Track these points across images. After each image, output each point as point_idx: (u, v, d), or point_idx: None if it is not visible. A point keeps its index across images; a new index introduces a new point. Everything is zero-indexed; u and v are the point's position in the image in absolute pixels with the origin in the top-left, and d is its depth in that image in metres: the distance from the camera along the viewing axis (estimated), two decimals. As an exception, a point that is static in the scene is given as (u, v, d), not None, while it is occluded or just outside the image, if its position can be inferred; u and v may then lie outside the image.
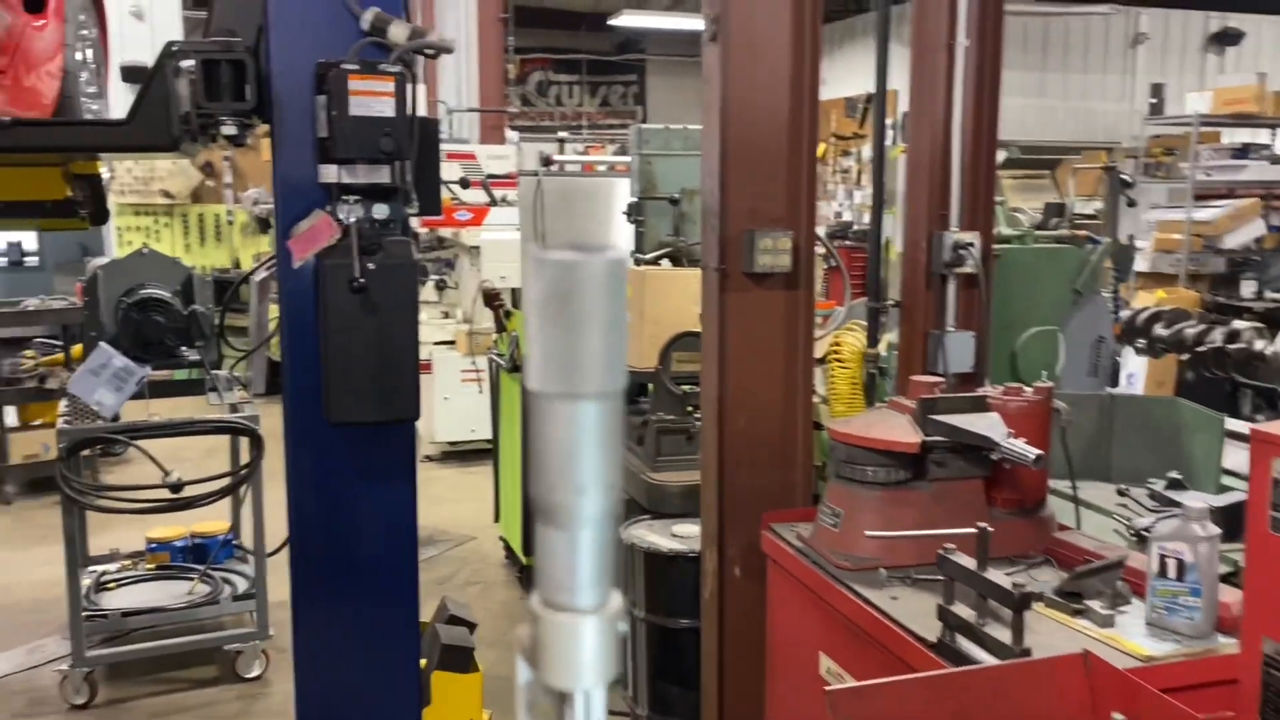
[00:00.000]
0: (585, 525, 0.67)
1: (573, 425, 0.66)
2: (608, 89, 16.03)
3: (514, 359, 4.87)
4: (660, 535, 3.71)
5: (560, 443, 0.66)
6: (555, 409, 0.66)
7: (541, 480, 0.68)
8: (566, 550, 0.68)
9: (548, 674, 0.71)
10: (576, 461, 0.67)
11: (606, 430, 0.67)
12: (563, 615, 0.69)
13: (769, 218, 3.12)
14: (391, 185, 2.57)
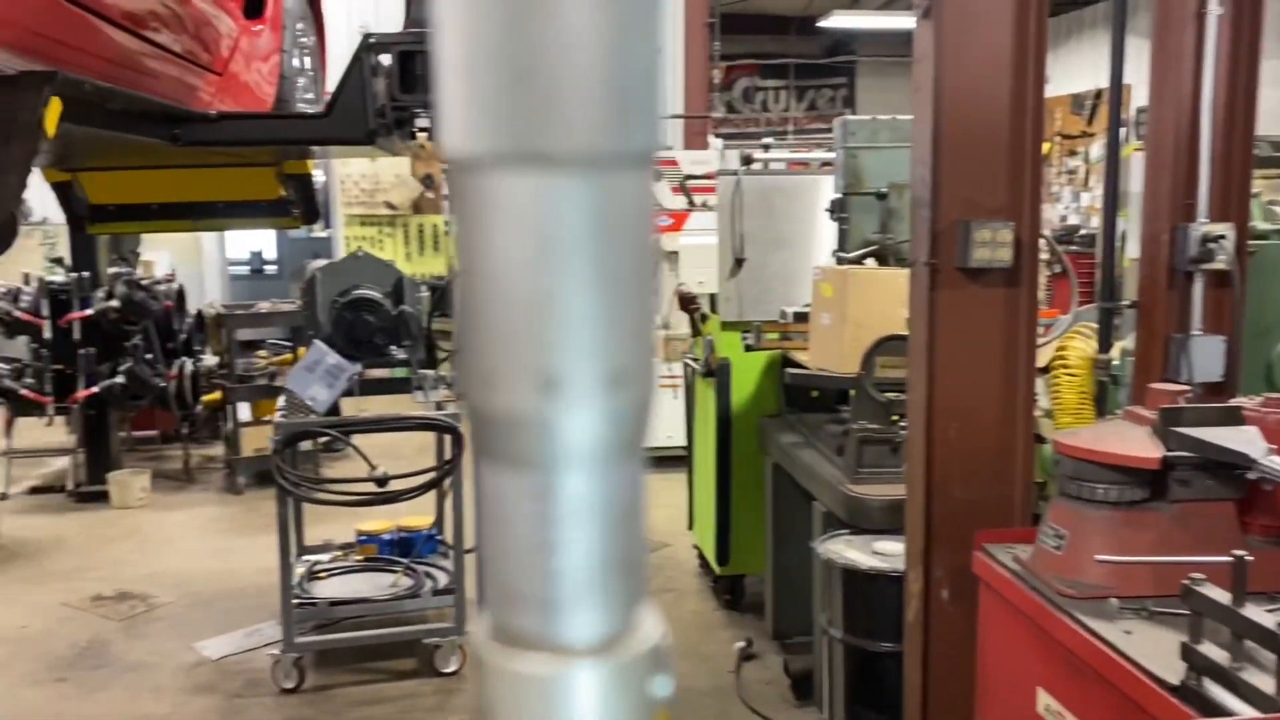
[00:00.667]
0: (569, 460, 0.39)
1: (536, 231, 0.38)
2: (815, 93, 15.73)
3: (708, 364, 4.75)
4: (861, 552, 3.48)
5: (512, 276, 0.38)
6: (501, 197, 0.38)
7: (474, 361, 0.40)
8: (536, 517, 0.40)
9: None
10: (546, 316, 0.37)
11: (614, 244, 0.39)
12: (530, 659, 0.40)
13: (987, 208, 2.85)
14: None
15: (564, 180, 0.38)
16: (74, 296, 6.68)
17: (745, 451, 4.70)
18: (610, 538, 0.41)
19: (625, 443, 0.42)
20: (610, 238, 0.40)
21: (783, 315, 4.51)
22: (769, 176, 4.94)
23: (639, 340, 0.40)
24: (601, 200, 0.39)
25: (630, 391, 0.41)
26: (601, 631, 0.41)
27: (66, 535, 6.35)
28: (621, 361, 0.40)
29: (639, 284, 0.41)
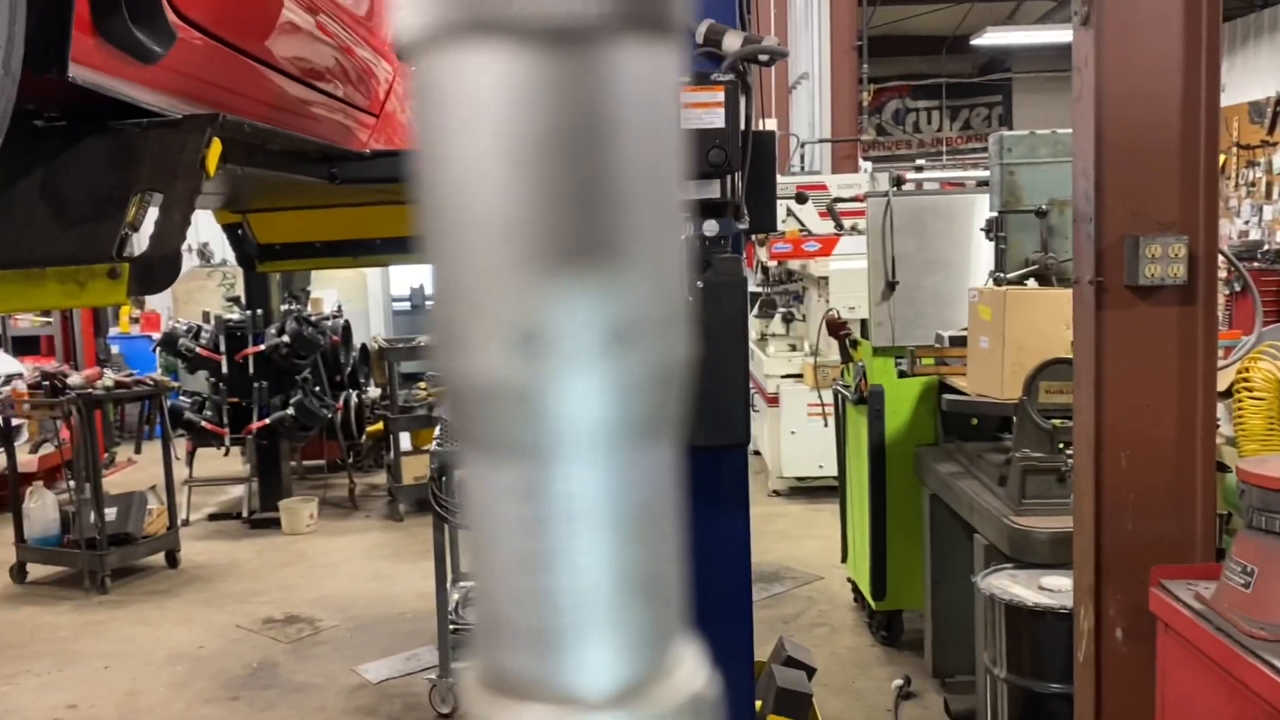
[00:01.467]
0: (565, 444, 0.29)
1: (503, 123, 0.29)
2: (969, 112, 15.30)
3: (860, 391, 4.62)
4: (1026, 587, 3.31)
5: (479, 193, 0.29)
6: (446, 81, 0.29)
7: (442, 320, 0.32)
8: (520, 524, 0.29)
9: None
10: (521, 240, 0.28)
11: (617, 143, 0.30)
12: (520, 711, 0.31)
13: (1157, 221, 2.68)
14: (721, 200, 2.46)
15: (535, 55, 0.29)
16: (248, 333, 7.05)
17: (901, 482, 4.55)
18: (624, 548, 0.31)
19: (642, 421, 0.31)
20: (608, 135, 0.29)
21: (938, 340, 4.35)
22: (921, 197, 4.80)
23: (658, 279, 0.30)
24: (592, 82, 0.29)
25: (644, 351, 0.31)
26: (617, 675, 0.31)
27: (241, 560, 6.68)
28: (630, 309, 0.30)
29: (657, 198, 0.30)
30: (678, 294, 0.33)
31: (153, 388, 6.53)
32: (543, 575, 0.31)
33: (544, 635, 0.31)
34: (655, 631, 0.33)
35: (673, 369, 0.34)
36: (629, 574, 0.32)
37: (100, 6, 1.62)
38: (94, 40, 1.63)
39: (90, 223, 1.60)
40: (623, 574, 0.32)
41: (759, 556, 6.04)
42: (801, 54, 9.66)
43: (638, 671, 0.32)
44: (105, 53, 1.66)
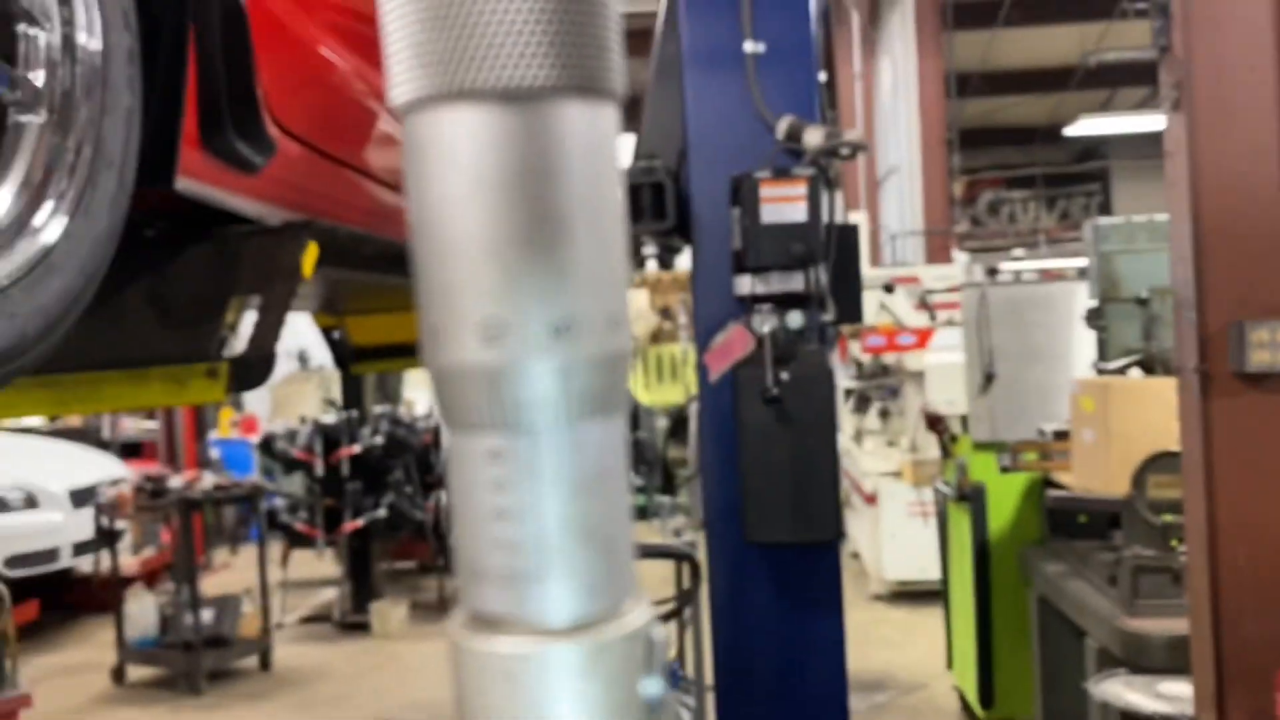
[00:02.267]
0: (524, 419, 0.34)
1: (479, 167, 0.35)
2: (1067, 201, 15.11)
3: (961, 488, 4.49)
4: (1142, 694, 3.12)
5: (457, 216, 0.35)
6: (444, 137, 0.36)
7: (427, 310, 0.37)
8: (491, 485, 0.38)
9: None
10: (494, 255, 0.34)
11: (571, 174, 0.36)
12: (502, 643, 0.34)
13: (1263, 305, 2.58)
14: (805, 292, 2.45)
15: (492, 113, 0.37)
16: (343, 435, 7.20)
17: (1006, 583, 4.37)
18: (576, 505, 0.37)
19: (587, 399, 0.37)
20: (557, 174, 0.38)
21: (1040, 433, 4.22)
22: (1018, 287, 4.72)
23: (597, 286, 0.37)
24: (541, 133, 0.37)
25: (586, 342, 0.37)
26: (574, 610, 0.36)
27: (332, 663, 6.69)
28: (572, 308, 0.37)
29: (595, 224, 0.38)
30: (617, 299, 0.40)
31: (249, 490, 6.68)
32: (509, 525, 0.39)
33: (512, 577, 0.39)
34: (606, 576, 0.39)
35: (615, 358, 0.40)
36: (581, 526, 0.39)
37: (207, 121, 1.70)
38: (200, 153, 1.72)
39: (192, 325, 1.66)
40: (576, 526, 0.39)
41: (860, 664, 5.83)
42: (890, 148, 9.72)
43: (592, 609, 0.39)
44: (210, 164, 1.74)
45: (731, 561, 2.68)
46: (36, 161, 1.36)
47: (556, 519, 0.37)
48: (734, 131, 2.65)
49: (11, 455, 7.94)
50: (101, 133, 1.42)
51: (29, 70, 1.37)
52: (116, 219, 1.44)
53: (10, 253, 1.28)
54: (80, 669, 6.69)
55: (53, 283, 1.31)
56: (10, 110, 1.36)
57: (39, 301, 1.29)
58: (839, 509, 2.45)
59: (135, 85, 1.48)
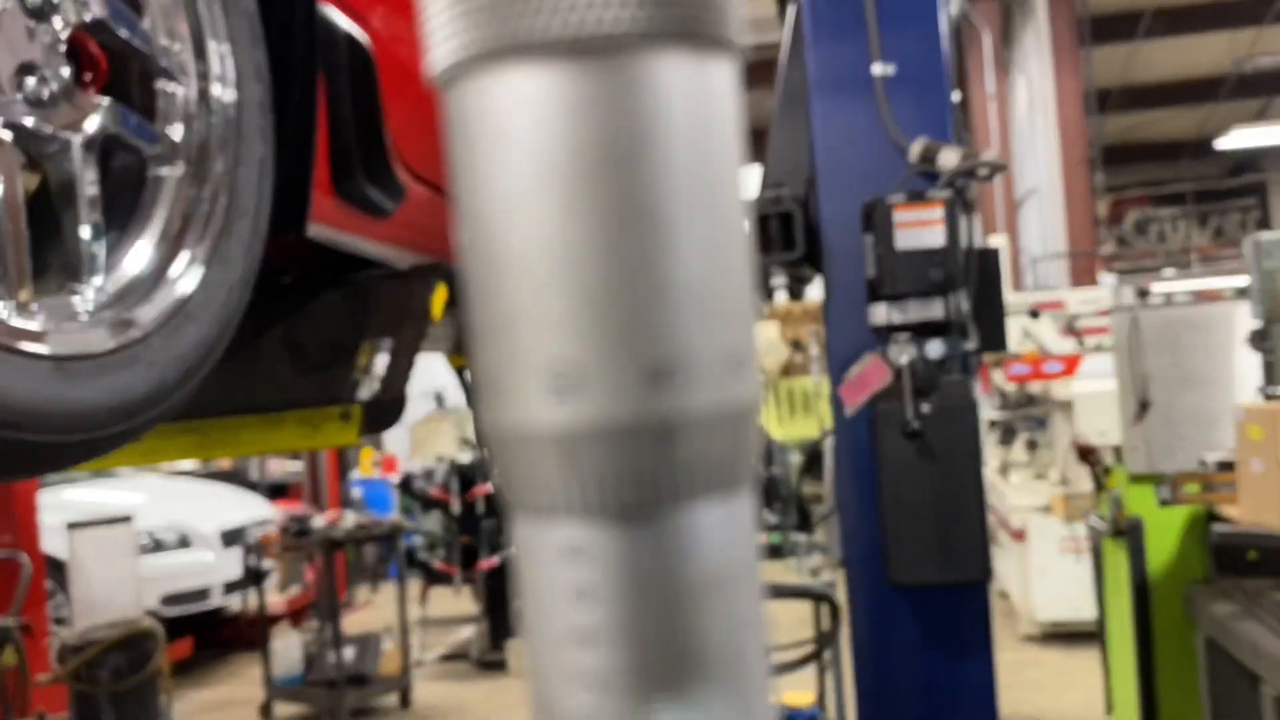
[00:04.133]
0: (613, 500, 0.24)
1: (532, 145, 0.27)
2: (1220, 218, 14.34)
3: (1116, 523, 4.23)
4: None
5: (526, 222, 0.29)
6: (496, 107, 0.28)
7: (483, 351, 0.31)
8: (567, 592, 0.25)
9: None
10: (554, 274, 0.25)
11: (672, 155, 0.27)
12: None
13: None
14: (945, 320, 2.34)
15: (560, 73, 0.25)
16: (478, 473, 7.30)
17: (1169, 624, 4.09)
18: (690, 621, 0.25)
19: (701, 470, 0.27)
20: (652, 156, 0.25)
21: (1202, 464, 3.95)
22: (1172, 309, 4.45)
23: (709, 314, 0.26)
24: (628, 99, 0.26)
25: (697, 390, 0.26)
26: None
27: (469, 702, 6.74)
28: (679, 345, 0.26)
29: (706, 226, 0.26)
30: (739, 331, 0.29)
31: (389, 529, 6.82)
32: (596, 652, 0.27)
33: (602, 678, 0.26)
34: (746, 672, 0.26)
35: (738, 411, 0.29)
36: (699, 651, 0.26)
37: (338, 168, 1.72)
38: (332, 199, 1.74)
39: (326, 369, 1.67)
40: (691, 651, 0.26)
41: (1012, 708, 5.55)
42: (1028, 168, 9.40)
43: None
44: (342, 210, 1.76)
45: (874, 602, 2.57)
46: (174, 213, 1.39)
47: (663, 642, 0.26)
48: (864, 156, 2.57)
49: (166, 497, 8.33)
50: (236, 182, 1.44)
51: (168, 124, 1.40)
52: (251, 266, 1.46)
53: (149, 302, 1.31)
54: (229, 704, 6.91)
55: (190, 330, 1.33)
56: (150, 164, 1.39)
57: (177, 350, 1.31)
58: (987, 548, 2.31)
59: (268, 135, 1.51)
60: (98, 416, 1.20)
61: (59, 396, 1.15)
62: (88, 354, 1.20)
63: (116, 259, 1.33)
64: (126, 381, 1.23)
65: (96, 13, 1.31)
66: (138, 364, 1.25)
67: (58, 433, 1.16)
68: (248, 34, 1.50)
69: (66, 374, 1.16)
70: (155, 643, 4.38)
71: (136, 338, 1.26)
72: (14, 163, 1.18)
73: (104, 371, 1.21)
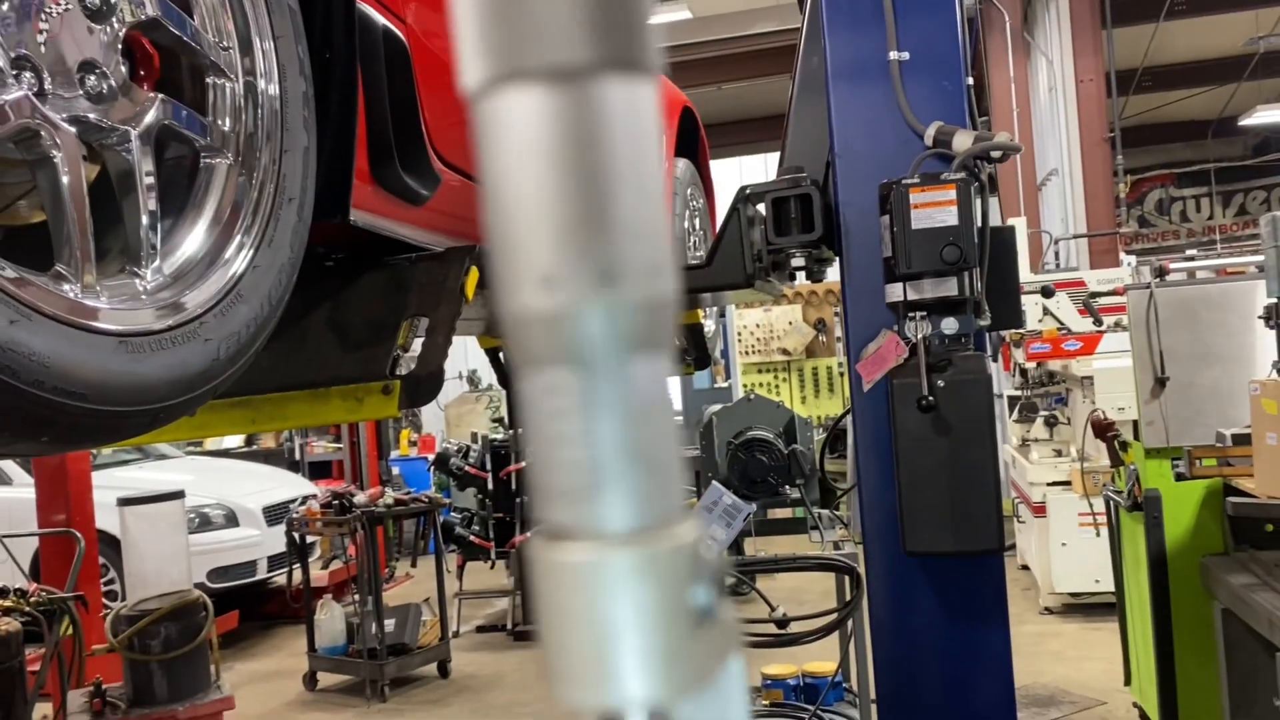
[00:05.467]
0: (582, 354, 0.42)
1: (532, 136, 0.43)
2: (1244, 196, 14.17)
3: (1134, 497, 4.29)
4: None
5: (516, 181, 0.44)
6: (502, 113, 0.44)
7: (500, 271, 0.46)
8: (554, 414, 0.42)
9: (560, 681, 0.43)
10: (546, 217, 0.42)
11: (602, 141, 0.43)
12: (568, 550, 0.42)
13: None
14: (959, 298, 2.43)
15: (543, 92, 0.43)
16: (511, 451, 7.44)
17: (1187, 595, 4.15)
18: (626, 429, 0.43)
19: (633, 337, 0.44)
20: (596, 143, 0.44)
21: (1219, 438, 4.00)
22: (1189, 286, 4.49)
23: (636, 239, 0.44)
24: (583, 107, 0.44)
25: (630, 287, 0.44)
26: (628, 522, 0.43)
27: (506, 671, 6.91)
28: (617, 258, 0.44)
29: (634, 185, 0.44)
30: (658, 250, 0.46)
31: (427, 505, 6.98)
32: (568, 449, 0.44)
33: (574, 493, 0.44)
34: (656, 495, 0.44)
35: (657, 301, 0.46)
36: (633, 450, 0.44)
37: (377, 158, 1.83)
38: (371, 187, 1.85)
39: (368, 347, 1.79)
40: (628, 450, 0.44)
41: (1032, 679, 5.63)
42: (1049, 149, 9.37)
43: (644, 521, 0.44)
44: (380, 198, 1.87)
45: (891, 573, 2.66)
46: (225, 200, 1.50)
47: (609, 442, 0.43)
48: (881, 140, 2.64)
49: (212, 476, 8.56)
50: (282, 171, 1.55)
51: (217, 117, 1.51)
52: (298, 250, 1.57)
53: (204, 283, 1.42)
54: (275, 675, 7.13)
55: (242, 310, 1.45)
56: (202, 155, 1.51)
57: (230, 328, 1.43)
58: (1000, 518, 2.40)
59: (311, 126, 1.62)
60: (158, 389, 1.32)
61: (123, 370, 1.27)
62: (149, 331, 1.32)
63: (172, 243, 1.45)
64: (184, 357, 1.35)
65: (150, 12, 1.41)
66: (194, 341, 1.37)
67: (121, 404, 1.28)
68: (290, 30, 1.61)
69: (130, 350, 1.28)
70: (204, 614, 4.55)
71: (193, 316, 1.38)
72: (77, 154, 1.29)
73: (163, 347, 1.33)
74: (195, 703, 4.47)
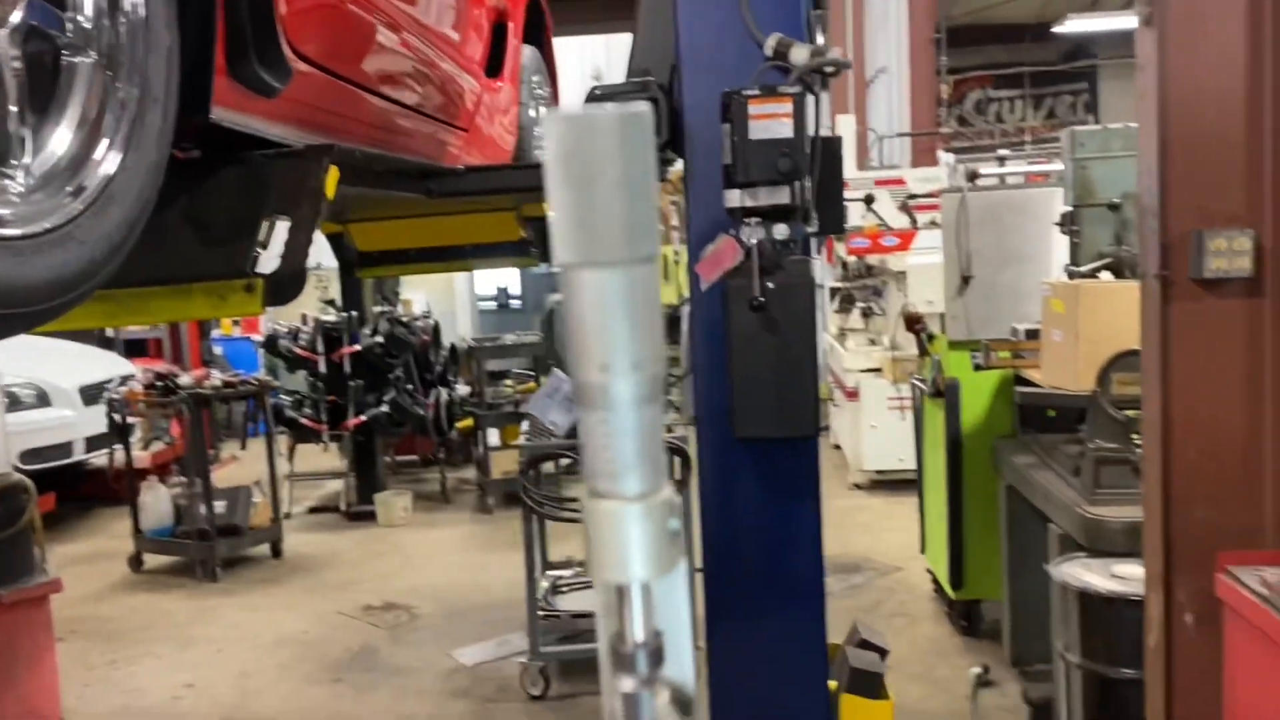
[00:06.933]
0: (617, 405, 0.65)
1: (596, 297, 0.63)
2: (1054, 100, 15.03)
3: (936, 384, 4.70)
4: (1099, 575, 3.37)
5: (586, 318, 0.64)
6: (580, 281, 0.63)
7: (573, 360, 0.66)
8: (602, 433, 0.66)
9: (598, 569, 0.68)
10: (602, 338, 0.64)
11: (634, 303, 0.63)
12: (606, 503, 0.66)
13: (1222, 215, 2.74)
14: (791, 205, 2.60)
15: (608, 272, 0.65)
16: (344, 334, 7.38)
17: (977, 473, 4.62)
18: (642, 442, 0.67)
19: (646, 397, 0.67)
20: (637, 301, 0.66)
21: (1014, 333, 4.42)
22: (996, 192, 4.85)
23: (652, 345, 0.66)
24: (629, 283, 0.65)
25: (647, 370, 0.66)
26: (640, 489, 0.67)
27: (340, 551, 7.00)
28: (642, 355, 0.66)
29: (649, 319, 0.66)
30: (657, 349, 0.68)
31: (257, 387, 6.88)
32: (609, 451, 0.68)
33: (610, 474, 0.68)
34: (655, 475, 0.68)
35: (657, 375, 0.68)
36: (645, 453, 0.68)
37: (234, 54, 1.83)
38: (229, 83, 1.85)
39: (228, 244, 1.82)
40: (641, 453, 0.68)
41: (840, 548, 6.14)
42: (879, 48, 9.68)
43: (647, 489, 0.68)
44: (238, 93, 1.87)
45: (720, 455, 2.88)
46: (90, 100, 1.50)
47: (632, 450, 0.68)
48: (725, 48, 2.74)
49: (21, 355, 8.10)
50: (147, 72, 1.55)
51: (78, 14, 1.50)
52: (164, 150, 1.59)
53: (76, 185, 1.44)
54: (98, 557, 6.99)
55: (114, 211, 1.47)
56: (63, 52, 1.49)
57: (104, 229, 1.45)
58: (817, 407, 2.64)
59: (173, 26, 1.61)
60: (39, 291, 1.34)
61: (6, 273, 1.29)
62: (28, 235, 1.33)
63: (40, 142, 1.44)
64: (62, 259, 1.37)
65: (4, -97, 1.38)
66: (70, 242, 1.39)
67: (4, 306, 1.30)
68: (146, -78, 1.58)
69: (13, 253, 1.30)
70: (26, 495, 4.44)
71: (68, 219, 1.40)
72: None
73: (42, 250, 1.35)
74: (20, 586, 4.39)
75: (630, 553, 0.66)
